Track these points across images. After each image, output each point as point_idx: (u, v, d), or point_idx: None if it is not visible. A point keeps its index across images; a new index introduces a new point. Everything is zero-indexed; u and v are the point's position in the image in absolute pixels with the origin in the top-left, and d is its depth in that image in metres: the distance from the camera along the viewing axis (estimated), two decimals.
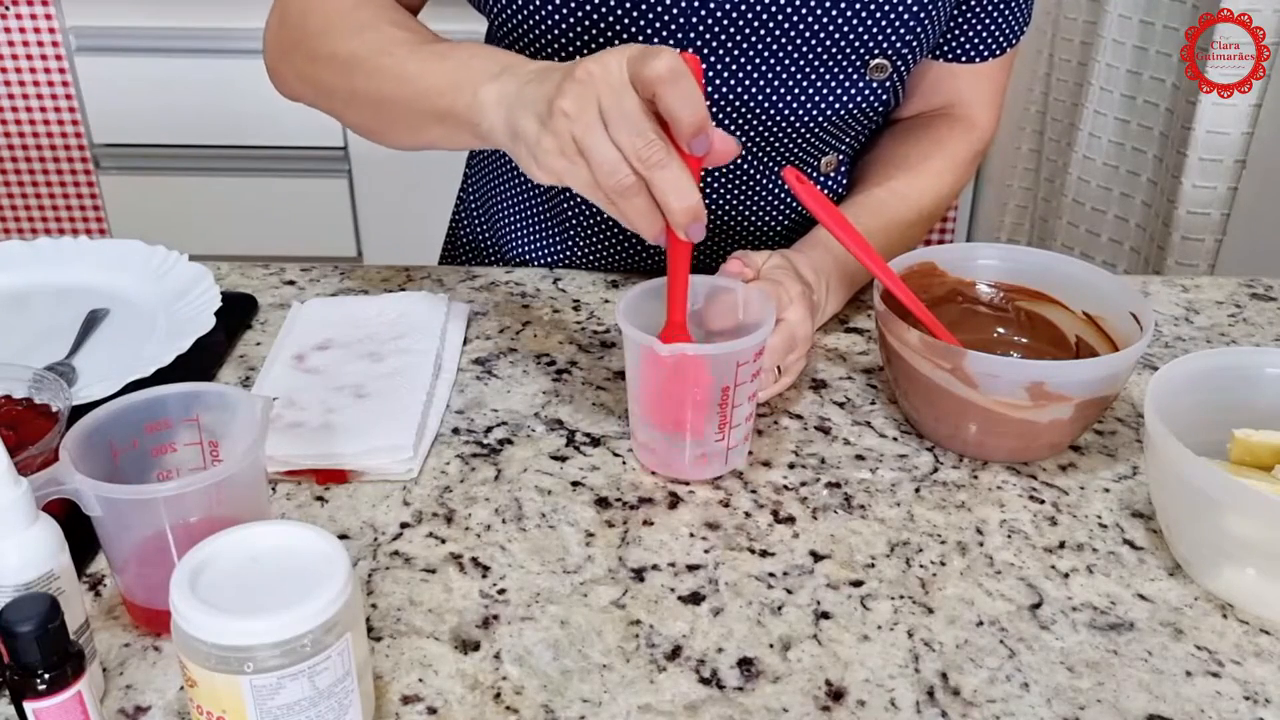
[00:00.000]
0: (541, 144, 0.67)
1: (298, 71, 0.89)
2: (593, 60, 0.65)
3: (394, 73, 0.80)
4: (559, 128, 0.66)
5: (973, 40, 0.96)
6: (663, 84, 0.63)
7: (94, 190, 2.36)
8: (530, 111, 0.68)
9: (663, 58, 0.63)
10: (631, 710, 0.58)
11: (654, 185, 0.64)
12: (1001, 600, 0.66)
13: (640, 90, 0.64)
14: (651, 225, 0.66)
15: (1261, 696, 0.60)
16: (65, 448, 0.59)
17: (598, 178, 0.65)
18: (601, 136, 0.64)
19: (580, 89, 0.65)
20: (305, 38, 0.87)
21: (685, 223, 0.65)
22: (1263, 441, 0.69)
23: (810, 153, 0.96)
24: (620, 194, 0.65)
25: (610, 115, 0.64)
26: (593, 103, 0.64)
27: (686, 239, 0.67)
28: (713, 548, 0.70)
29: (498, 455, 0.77)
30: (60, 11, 2.18)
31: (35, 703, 0.50)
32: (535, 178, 0.70)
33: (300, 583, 0.51)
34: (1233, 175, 1.74)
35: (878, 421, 0.82)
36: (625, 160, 0.64)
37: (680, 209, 0.65)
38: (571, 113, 0.65)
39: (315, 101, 0.90)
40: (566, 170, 0.67)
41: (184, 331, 0.84)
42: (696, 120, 0.63)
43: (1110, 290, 0.81)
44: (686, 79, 0.63)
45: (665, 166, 0.64)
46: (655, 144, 0.64)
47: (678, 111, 0.63)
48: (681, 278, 0.71)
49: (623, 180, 0.65)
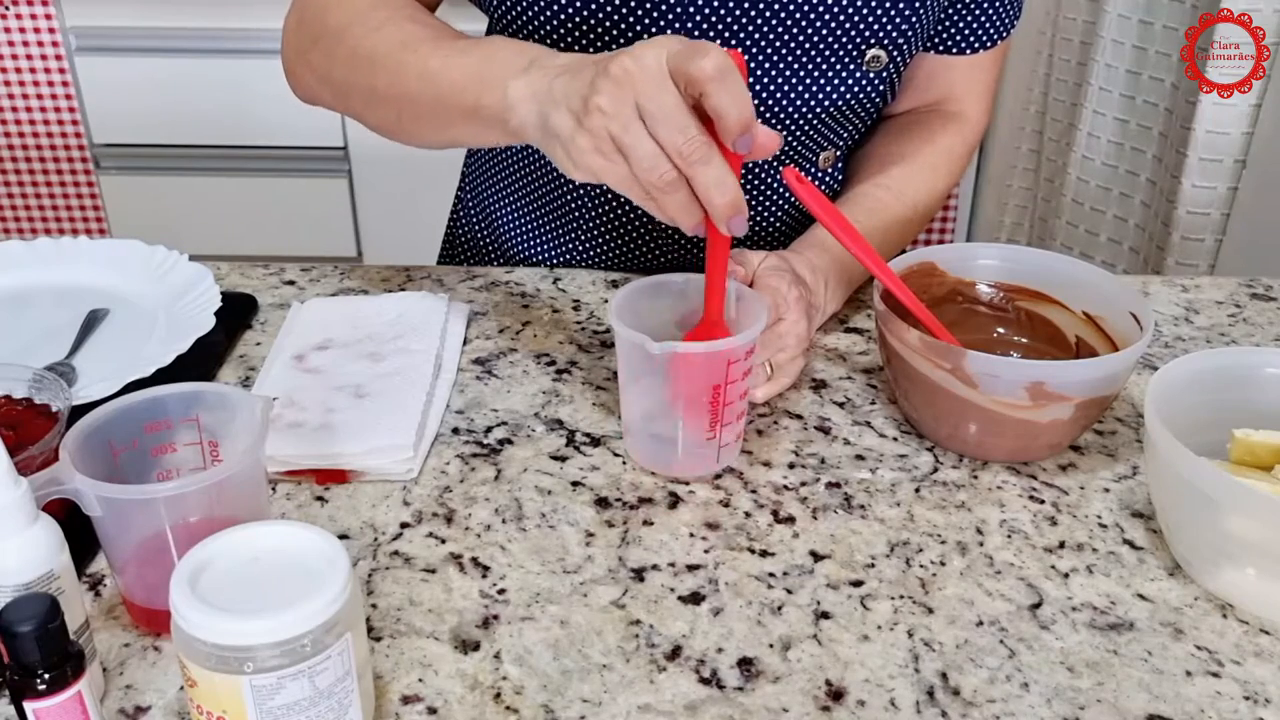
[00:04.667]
0: (577, 142, 0.67)
1: (315, 71, 0.88)
2: (628, 56, 0.65)
3: (416, 69, 0.79)
4: (595, 125, 0.65)
5: (964, 32, 0.97)
6: (711, 82, 0.62)
7: (94, 190, 2.36)
8: (564, 108, 0.68)
9: (711, 55, 0.62)
10: (631, 710, 0.58)
11: (696, 181, 0.65)
12: (1001, 600, 0.66)
13: (684, 87, 0.64)
14: (691, 217, 0.66)
15: (1261, 696, 0.60)
16: (65, 448, 0.59)
17: (637, 173, 0.65)
18: (640, 133, 0.64)
19: (616, 86, 0.65)
20: (323, 36, 0.86)
21: (728, 216, 0.65)
22: (1263, 441, 0.69)
23: (809, 147, 0.96)
24: (661, 189, 0.65)
25: (649, 111, 0.64)
26: (630, 100, 0.64)
27: (728, 233, 0.67)
28: (713, 548, 0.70)
29: (498, 455, 0.77)
30: (60, 11, 2.19)
31: (35, 703, 0.50)
32: (571, 175, 0.69)
33: (300, 583, 0.51)
34: (1233, 175, 1.74)
35: (878, 421, 0.82)
36: (665, 156, 0.64)
37: (723, 204, 0.65)
38: (609, 110, 0.65)
39: (333, 102, 0.89)
40: (604, 168, 0.67)
41: (184, 331, 0.84)
42: (745, 119, 0.63)
43: (1110, 290, 0.81)
44: (735, 77, 0.63)
45: (708, 162, 0.64)
46: (697, 140, 0.63)
47: (726, 110, 0.63)
48: (720, 271, 0.72)
49: (665, 175, 0.64)
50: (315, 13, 0.88)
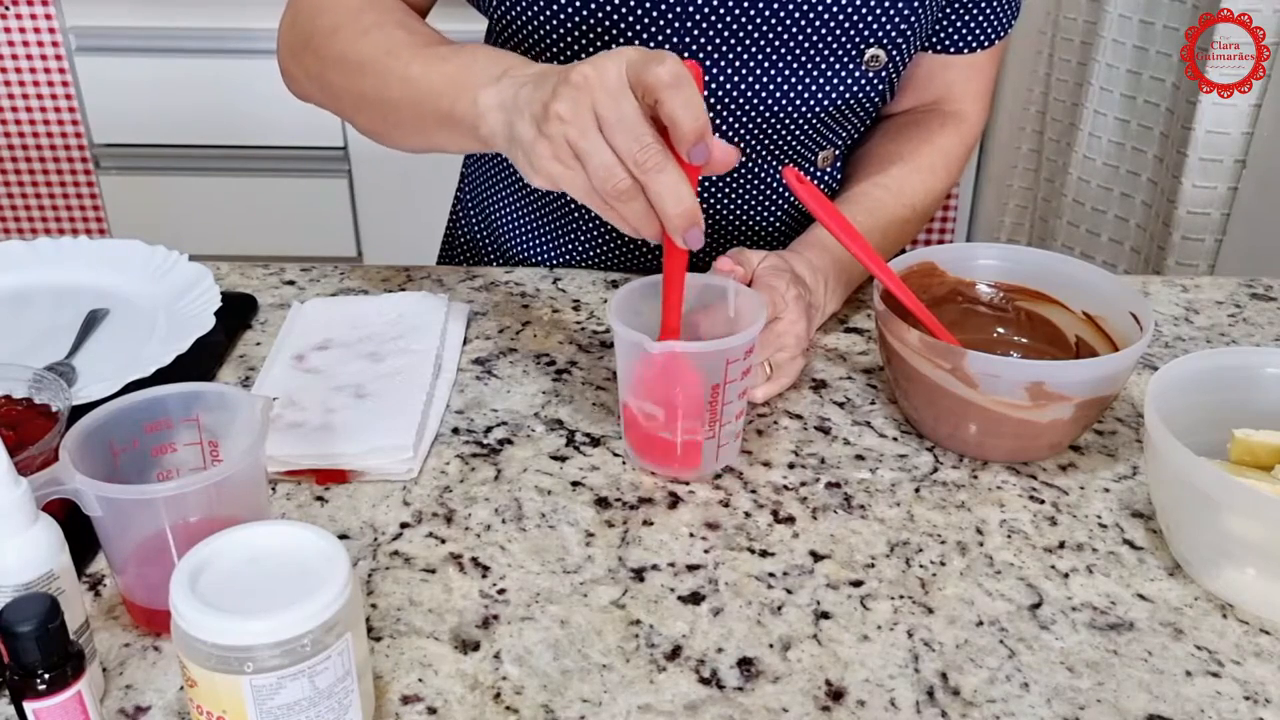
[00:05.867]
0: (536, 148, 0.67)
1: (308, 71, 0.89)
2: (589, 64, 0.65)
3: (399, 75, 0.80)
4: (554, 132, 0.66)
5: (962, 32, 0.97)
6: (665, 90, 0.62)
7: (94, 190, 2.36)
8: (527, 115, 0.68)
9: (666, 63, 0.63)
10: (631, 710, 0.58)
11: (650, 190, 0.64)
12: (1001, 600, 0.66)
13: (641, 95, 0.64)
14: (648, 226, 0.66)
15: (1261, 696, 0.60)
16: (65, 448, 0.59)
17: (593, 182, 0.65)
18: (597, 140, 0.64)
19: (576, 93, 0.65)
20: (315, 37, 0.87)
21: (682, 228, 0.65)
22: (1263, 441, 0.69)
23: (808, 146, 0.96)
24: (616, 198, 0.65)
25: (607, 119, 0.64)
26: (588, 107, 0.64)
27: (684, 246, 0.66)
28: (713, 548, 0.70)
29: (498, 455, 0.77)
30: (60, 11, 2.18)
31: (35, 703, 0.50)
32: (532, 182, 0.70)
33: (300, 583, 0.51)
34: (1233, 175, 1.74)
35: (878, 421, 0.82)
36: (621, 164, 0.64)
37: (676, 214, 0.65)
38: (567, 116, 0.65)
39: (325, 103, 0.90)
40: (562, 174, 0.67)
41: (184, 331, 0.84)
42: (698, 127, 0.63)
43: (1110, 290, 0.81)
44: (689, 85, 0.63)
45: (662, 171, 0.64)
46: (652, 148, 0.63)
47: (679, 118, 0.63)
48: (677, 284, 0.71)
49: (619, 184, 0.64)
50: (307, 14, 0.89)
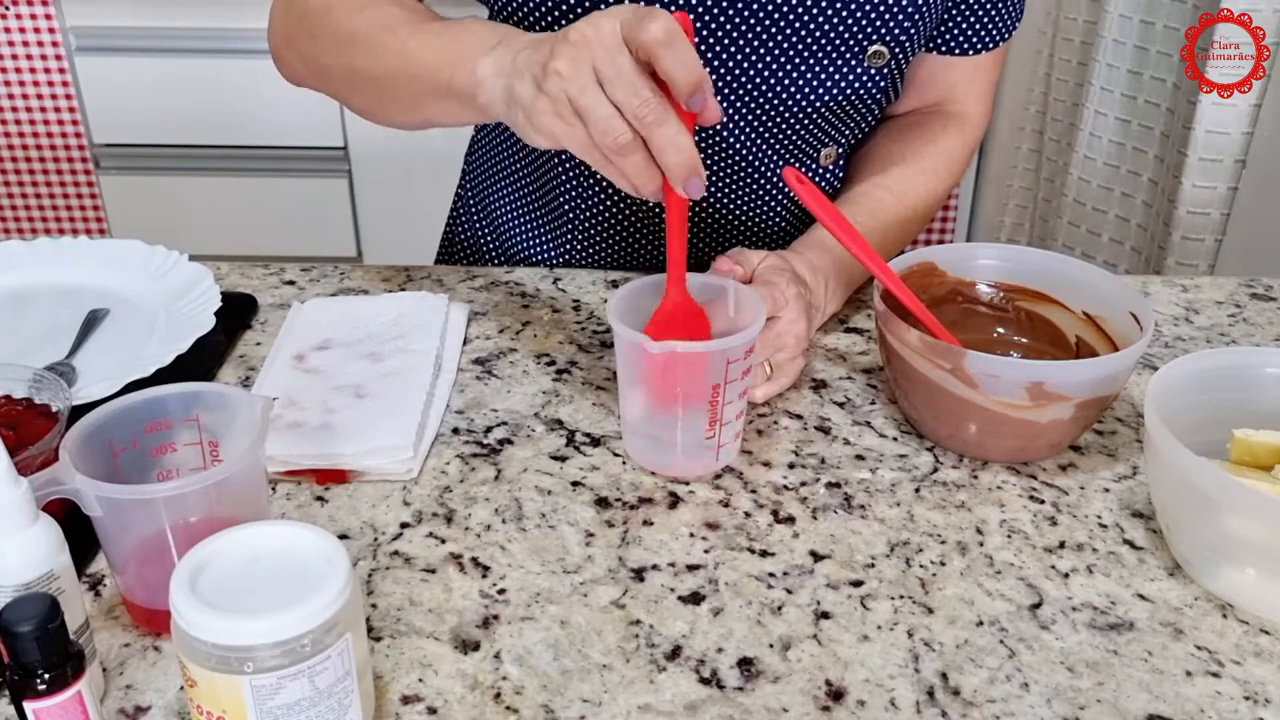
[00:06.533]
0: (536, 106, 0.68)
1: (300, 53, 0.90)
2: (585, 23, 0.66)
3: (394, 49, 0.80)
4: (553, 89, 0.67)
5: (966, 33, 0.97)
6: (659, 46, 0.64)
7: (94, 190, 2.36)
8: (526, 76, 0.69)
9: (658, 20, 0.64)
10: (631, 710, 0.58)
11: (652, 142, 0.66)
12: (1001, 600, 0.66)
13: (636, 52, 0.65)
14: (649, 181, 0.67)
15: (1261, 696, 0.60)
16: (65, 448, 0.59)
17: (594, 136, 0.66)
18: (597, 95, 0.65)
19: (574, 50, 0.66)
20: (308, 18, 0.88)
21: (684, 176, 0.66)
22: (1263, 441, 0.69)
23: (810, 143, 0.96)
24: (617, 151, 0.66)
25: (605, 75, 0.65)
26: (587, 63, 0.65)
27: (685, 194, 0.67)
28: (713, 548, 0.70)
29: (498, 455, 0.77)
30: (60, 11, 2.18)
31: (35, 703, 0.50)
32: (532, 142, 0.71)
33: (300, 583, 0.51)
34: (1233, 175, 1.74)
35: (878, 421, 0.82)
36: (621, 118, 0.65)
37: (678, 163, 0.66)
38: (566, 73, 0.66)
39: (318, 84, 0.91)
40: (563, 131, 0.68)
41: (184, 331, 0.84)
42: (694, 81, 0.65)
43: (1110, 290, 0.81)
44: (682, 41, 0.64)
45: (663, 123, 0.65)
46: (651, 102, 0.65)
47: (676, 74, 0.64)
48: (680, 236, 0.72)
49: (620, 138, 0.65)
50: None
